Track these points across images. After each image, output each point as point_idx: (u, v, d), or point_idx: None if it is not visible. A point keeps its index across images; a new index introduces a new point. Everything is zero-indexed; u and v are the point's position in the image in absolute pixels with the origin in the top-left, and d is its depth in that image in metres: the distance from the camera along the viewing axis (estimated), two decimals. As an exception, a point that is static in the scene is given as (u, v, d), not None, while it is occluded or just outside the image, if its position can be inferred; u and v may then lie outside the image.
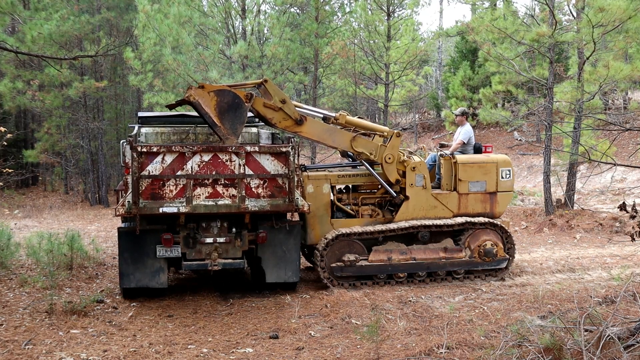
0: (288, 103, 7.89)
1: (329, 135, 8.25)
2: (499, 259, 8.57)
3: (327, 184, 8.52)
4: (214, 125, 7.18)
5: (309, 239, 8.52)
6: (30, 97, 18.31)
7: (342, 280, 8.29)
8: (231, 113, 7.22)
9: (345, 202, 8.73)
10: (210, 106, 7.17)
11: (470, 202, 8.69)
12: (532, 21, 15.24)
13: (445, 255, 8.46)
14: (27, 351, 5.83)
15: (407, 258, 8.35)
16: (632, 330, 5.06)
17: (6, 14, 9.33)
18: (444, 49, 38.98)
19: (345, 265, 8.20)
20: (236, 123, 7.24)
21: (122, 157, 7.29)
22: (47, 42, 14.77)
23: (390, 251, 8.34)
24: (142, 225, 7.30)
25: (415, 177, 8.51)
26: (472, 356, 5.46)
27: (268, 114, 7.81)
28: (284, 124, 7.93)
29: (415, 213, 8.53)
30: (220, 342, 6.23)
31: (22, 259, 9.61)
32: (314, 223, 8.46)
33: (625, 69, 11.66)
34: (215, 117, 7.16)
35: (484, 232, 8.59)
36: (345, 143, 8.28)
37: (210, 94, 7.19)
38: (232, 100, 7.24)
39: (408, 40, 16.69)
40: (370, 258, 8.27)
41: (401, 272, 8.37)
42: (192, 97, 7.11)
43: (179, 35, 13.57)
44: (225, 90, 7.27)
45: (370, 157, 8.36)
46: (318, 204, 8.42)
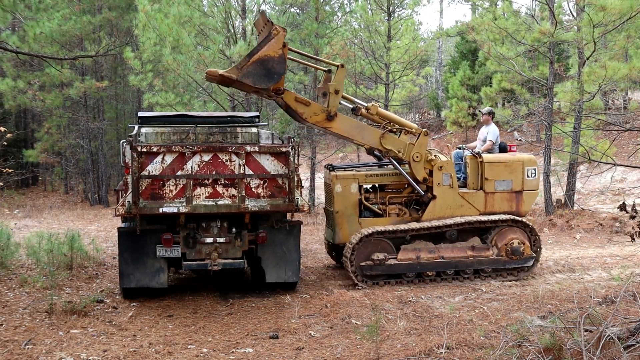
0: (339, 95, 7.96)
1: (359, 132, 8.32)
2: (525, 257, 8.64)
3: (355, 183, 8.61)
4: (250, 55, 7.27)
5: (337, 238, 8.60)
6: (31, 96, 18.32)
7: (372, 278, 8.35)
8: (262, 72, 7.28)
9: (373, 201, 8.79)
10: (268, 50, 7.23)
11: (497, 200, 8.78)
12: (533, 21, 15.23)
13: (473, 254, 8.54)
14: (27, 351, 5.83)
15: (436, 257, 8.42)
16: (632, 330, 5.06)
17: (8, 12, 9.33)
18: (444, 49, 38.97)
19: (374, 264, 8.25)
20: (254, 77, 7.28)
21: (122, 157, 7.29)
22: (48, 41, 14.77)
23: (419, 250, 8.41)
24: (142, 225, 7.30)
25: (443, 176, 8.59)
26: (472, 356, 5.45)
27: (299, 109, 7.86)
28: (315, 119, 7.98)
29: (442, 212, 8.61)
30: (220, 342, 6.23)
31: (22, 259, 9.61)
32: (342, 222, 8.54)
33: (623, 68, 11.65)
34: (256, 57, 7.24)
35: (511, 231, 8.66)
36: (374, 140, 8.36)
37: (279, 46, 7.29)
38: (275, 69, 7.32)
39: (408, 40, 16.69)
40: (399, 257, 8.34)
41: (429, 271, 8.44)
42: (274, 32, 7.23)
43: (179, 35, 13.55)
44: (283, 62, 7.38)
45: (399, 154, 8.44)
46: (346, 203, 8.53)
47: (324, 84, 8.22)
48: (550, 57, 14.02)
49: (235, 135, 7.73)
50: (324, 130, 8.32)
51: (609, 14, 11.04)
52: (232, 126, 7.88)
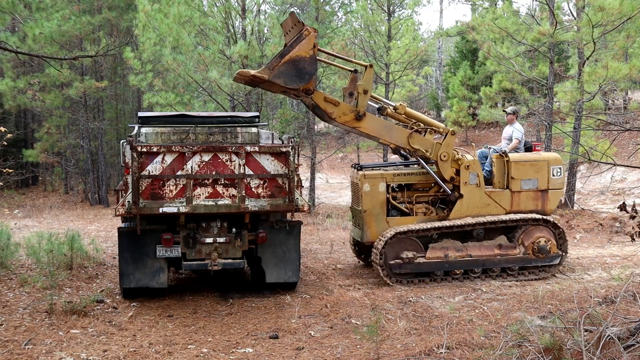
0: (367, 95, 8.05)
1: (387, 132, 8.40)
2: (552, 256, 8.72)
3: (383, 182, 8.70)
4: (281, 55, 7.34)
5: (365, 236, 8.69)
6: (31, 96, 18.31)
7: (400, 277, 8.43)
8: (294, 72, 7.36)
9: (400, 200, 8.88)
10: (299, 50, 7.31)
11: (523, 199, 8.86)
12: (533, 21, 15.23)
13: (500, 252, 8.62)
14: (27, 351, 5.83)
15: (463, 255, 8.51)
16: (632, 330, 5.06)
17: (7, 13, 9.32)
18: (443, 49, 38.97)
19: (403, 262, 8.34)
20: (285, 77, 7.36)
21: (122, 157, 7.28)
22: (47, 41, 14.76)
23: (447, 248, 8.50)
24: (142, 225, 7.30)
25: (470, 175, 8.67)
26: (472, 356, 5.45)
27: (329, 108, 7.94)
28: (344, 119, 8.06)
29: (469, 211, 8.69)
30: (220, 342, 6.23)
31: (22, 259, 9.61)
32: (370, 221, 8.63)
33: (623, 68, 11.66)
34: (288, 57, 7.31)
35: (537, 229, 8.74)
36: (402, 139, 8.44)
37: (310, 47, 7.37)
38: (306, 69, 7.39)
39: (408, 40, 16.69)
40: (428, 255, 8.43)
41: (457, 269, 8.52)
42: (306, 32, 7.32)
43: (179, 35, 13.55)
44: (314, 62, 7.48)
45: (426, 154, 8.52)
46: (374, 203, 8.63)
47: (351, 83, 8.29)
48: (550, 57, 14.02)
49: (235, 135, 7.73)
50: (351, 130, 8.38)
51: (608, 14, 11.05)
52: (232, 126, 7.88)
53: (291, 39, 7.69)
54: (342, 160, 27.58)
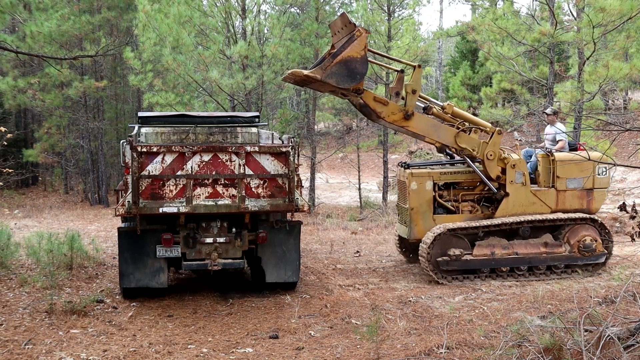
0: (416, 95, 8.17)
1: (434, 131, 8.51)
2: (598, 254, 8.80)
3: (430, 181, 8.84)
4: (334, 55, 7.40)
5: (412, 234, 8.83)
6: (31, 96, 18.30)
7: (447, 274, 8.52)
8: (345, 72, 7.44)
9: (446, 198, 8.99)
10: (351, 50, 7.38)
11: (568, 198, 8.95)
12: (533, 21, 15.23)
13: (546, 250, 8.71)
14: (27, 351, 5.83)
15: (510, 253, 8.60)
16: (632, 330, 5.06)
17: (6, 13, 9.32)
18: (444, 49, 38.99)
19: (451, 260, 8.43)
20: (337, 78, 7.44)
21: (122, 157, 7.28)
22: (47, 41, 14.76)
23: (493, 246, 8.61)
24: (142, 225, 7.30)
25: (515, 174, 8.77)
26: (472, 356, 5.45)
27: (378, 108, 8.04)
28: (392, 118, 8.17)
29: (515, 209, 8.79)
30: (220, 342, 6.23)
31: (22, 258, 9.61)
32: (417, 219, 8.77)
33: (624, 68, 11.66)
34: (340, 58, 7.39)
35: (583, 228, 8.83)
36: (450, 139, 8.55)
37: (362, 47, 7.42)
38: (357, 70, 7.46)
39: (408, 40, 16.69)
40: (475, 252, 8.53)
41: (504, 267, 8.60)
42: (357, 33, 7.38)
43: (179, 35, 13.55)
44: (365, 63, 7.53)
45: (473, 153, 8.62)
46: (421, 201, 8.77)
47: (397, 83, 8.40)
48: (550, 57, 14.02)
49: (235, 135, 7.73)
50: (399, 129, 8.48)
51: (608, 15, 11.05)
52: (232, 126, 7.88)
53: (340, 39, 7.84)
54: (342, 160, 27.58)
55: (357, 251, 11.00)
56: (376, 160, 27.65)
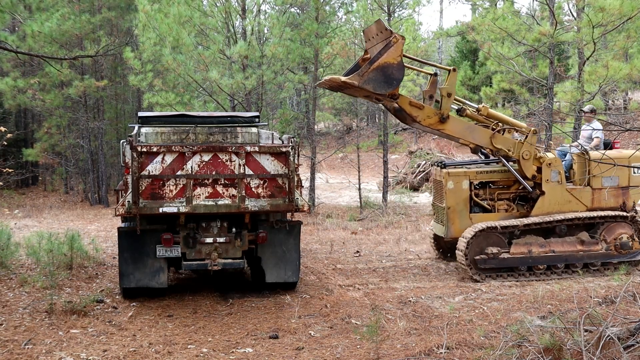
0: (451, 98, 8.29)
1: (470, 133, 8.62)
2: (634, 252, 8.87)
3: (466, 180, 8.97)
4: (371, 62, 7.52)
5: (448, 232, 8.96)
6: (31, 96, 18.30)
7: (485, 272, 8.61)
8: (382, 78, 7.55)
9: (482, 197, 9.10)
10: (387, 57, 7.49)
11: (604, 196, 9.01)
12: (533, 21, 15.23)
13: (583, 248, 8.78)
14: (27, 351, 5.83)
15: (547, 251, 8.69)
16: (632, 330, 5.06)
17: (6, 12, 9.32)
18: (444, 49, 39.00)
19: (488, 258, 8.52)
20: (374, 83, 7.56)
21: (122, 157, 7.29)
22: (47, 41, 14.76)
23: (530, 244, 8.68)
24: (142, 225, 7.30)
25: (551, 173, 8.86)
26: (472, 356, 5.45)
27: (413, 112, 8.18)
28: (428, 122, 8.31)
29: (551, 207, 8.88)
30: (220, 342, 6.23)
31: (22, 258, 9.61)
32: (454, 218, 8.90)
33: (624, 68, 11.67)
34: (377, 64, 7.50)
35: (619, 226, 8.90)
36: (485, 140, 8.65)
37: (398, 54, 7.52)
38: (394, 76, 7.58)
39: (409, 40, 16.68)
40: (512, 251, 8.61)
41: (541, 264, 8.69)
42: (394, 39, 7.48)
43: (179, 35, 13.55)
44: (402, 68, 7.65)
45: (509, 153, 8.69)
46: (458, 199, 8.90)
47: (431, 86, 8.47)
48: (550, 57, 14.02)
49: (235, 135, 7.72)
50: (434, 132, 8.60)
51: (608, 15, 11.05)
52: (232, 126, 7.88)
53: (374, 44, 7.97)
54: (342, 160, 27.58)
55: (357, 251, 11.00)
56: (376, 160, 27.65)
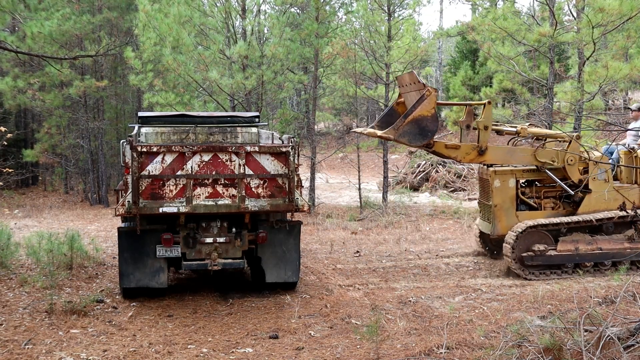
0: (488, 131, 8.51)
1: (511, 156, 8.86)
2: None
3: (512, 178, 9.10)
4: (405, 115, 7.73)
5: (495, 230, 9.09)
6: (31, 96, 18.30)
7: (531, 269, 8.68)
8: (417, 131, 7.81)
9: (529, 195, 9.21)
10: (421, 110, 7.74)
11: None
12: (533, 21, 15.23)
13: (630, 246, 8.86)
14: (27, 351, 5.83)
15: (593, 248, 8.77)
16: (632, 330, 5.06)
17: (7, 12, 9.32)
18: (444, 49, 39.01)
19: (535, 255, 8.60)
20: (409, 136, 7.84)
21: (122, 157, 7.29)
22: (47, 41, 14.75)
23: (577, 241, 8.78)
24: (142, 225, 7.30)
25: (598, 171, 8.94)
26: (472, 356, 5.46)
27: (452, 154, 8.52)
28: (468, 158, 8.63)
29: (597, 205, 8.97)
30: (220, 342, 6.23)
31: (22, 258, 9.61)
32: (501, 215, 9.02)
33: (624, 68, 11.67)
34: (411, 117, 7.73)
35: None
36: (528, 158, 8.86)
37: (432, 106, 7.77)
38: (428, 128, 7.82)
39: (409, 40, 16.67)
40: (559, 248, 8.71)
41: (588, 262, 8.76)
42: (427, 93, 7.69)
43: (179, 35, 13.54)
44: (436, 120, 7.89)
45: (554, 164, 8.85)
46: (504, 197, 9.02)
47: (467, 116, 8.65)
48: (550, 57, 14.02)
49: (235, 135, 7.73)
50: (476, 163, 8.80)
51: (607, 15, 11.05)
52: (232, 126, 7.88)
53: (407, 91, 8.33)
54: (342, 160, 27.57)
55: (357, 251, 11.00)
56: (376, 160, 27.64)
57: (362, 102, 30.72)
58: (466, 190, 19.17)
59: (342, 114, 34.85)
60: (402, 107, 8.92)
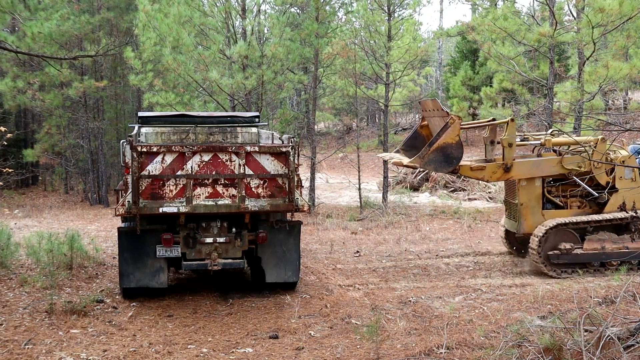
0: (513, 148, 8.61)
1: (537, 168, 8.94)
2: None
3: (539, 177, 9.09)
4: (430, 144, 7.92)
5: (521, 228, 9.18)
6: (31, 96, 18.29)
7: (557, 267, 8.76)
8: (442, 158, 7.96)
9: (555, 194, 9.26)
10: (446, 137, 7.88)
11: None
12: (533, 21, 15.23)
13: None
14: (27, 351, 5.83)
15: (620, 247, 8.82)
16: (632, 330, 5.06)
17: (6, 12, 9.31)
18: (444, 49, 39.03)
19: (561, 253, 8.68)
20: (435, 164, 8.02)
21: (122, 157, 7.29)
22: (47, 41, 14.72)
23: (603, 240, 8.83)
24: (142, 225, 7.30)
25: (625, 170, 9.01)
26: (472, 356, 5.46)
27: (478, 175, 8.61)
28: (495, 177, 8.72)
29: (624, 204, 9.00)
30: (220, 342, 6.23)
31: (22, 258, 9.61)
32: (527, 214, 9.10)
33: (624, 68, 11.67)
34: (436, 145, 7.89)
35: None
36: (555, 167, 8.96)
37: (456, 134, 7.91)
38: (453, 155, 7.95)
39: (409, 40, 16.67)
40: (585, 246, 8.77)
41: (614, 260, 8.81)
42: (451, 121, 7.84)
43: (179, 35, 13.53)
44: (460, 147, 8.01)
45: (580, 170, 8.90)
46: (530, 196, 9.09)
47: (491, 132, 8.82)
48: (550, 57, 14.03)
49: (235, 135, 7.72)
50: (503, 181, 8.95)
51: (607, 15, 11.05)
52: (232, 126, 7.88)
53: (430, 116, 8.49)
54: (342, 160, 27.57)
55: (357, 251, 11.00)
56: (376, 160, 27.64)
57: (362, 102, 30.73)
58: (466, 190, 19.16)
59: (342, 114, 34.86)
60: (426, 130, 9.15)
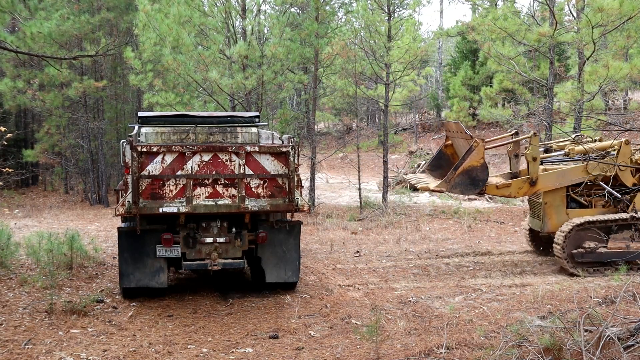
0: (537, 162, 8.69)
1: (563, 178, 8.99)
2: None
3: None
4: (455, 167, 8.03)
5: (545, 227, 9.27)
6: (31, 96, 18.29)
7: (582, 265, 8.80)
8: (468, 181, 8.07)
9: (579, 193, 9.25)
10: (471, 161, 8.00)
11: None
12: (533, 21, 15.23)
13: None
14: (27, 351, 5.83)
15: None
16: (632, 330, 5.06)
17: (6, 12, 9.31)
18: (444, 49, 39.05)
19: (586, 252, 8.72)
20: (461, 187, 8.12)
21: (122, 157, 7.29)
22: (47, 41, 14.71)
23: (628, 239, 8.85)
24: (142, 225, 7.30)
25: None
26: (472, 356, 5.45)
27: (505, 192, 8.69)
28: (521, 192, 8.80)
29: None
30: (220, 342, 6.23)
31: (22, 258, 9.61)
32: (551, 213, 9.18)
33: (624, 68, 11.68)
34: (462, 169, 8.01)
35: None
36: (580, 175, 8.98)
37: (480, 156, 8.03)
38: (479, 177, 8.07)
39: (409, 40, 16.67)
40: (610, 245, 8.79)
41: (639, 259, 8.82)
42: (475, 144, 8.01)
43: (179, 35, 13.53)
44: (485, 169, 8.11)
45: (606, 174, 8.94)
46: (554, 195, 9.16)
47: (514, 146, 8.97)
48: (550, 57, 14.03)
49: (235, 135, 7.72)
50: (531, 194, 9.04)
51: (607, 15, 11.06)
52: (232, 126, 7.88)
53: (454, 137, 8.63)
54: (342, 160, 27.57)
55: (357, 251, 11.00)
56: (376, 160, 27.65)
57: (362, 102, 30.73)
58: (466, 190, 19.15)
59: (342, 114, 34.86)
60: (450, 149, 9.28)
